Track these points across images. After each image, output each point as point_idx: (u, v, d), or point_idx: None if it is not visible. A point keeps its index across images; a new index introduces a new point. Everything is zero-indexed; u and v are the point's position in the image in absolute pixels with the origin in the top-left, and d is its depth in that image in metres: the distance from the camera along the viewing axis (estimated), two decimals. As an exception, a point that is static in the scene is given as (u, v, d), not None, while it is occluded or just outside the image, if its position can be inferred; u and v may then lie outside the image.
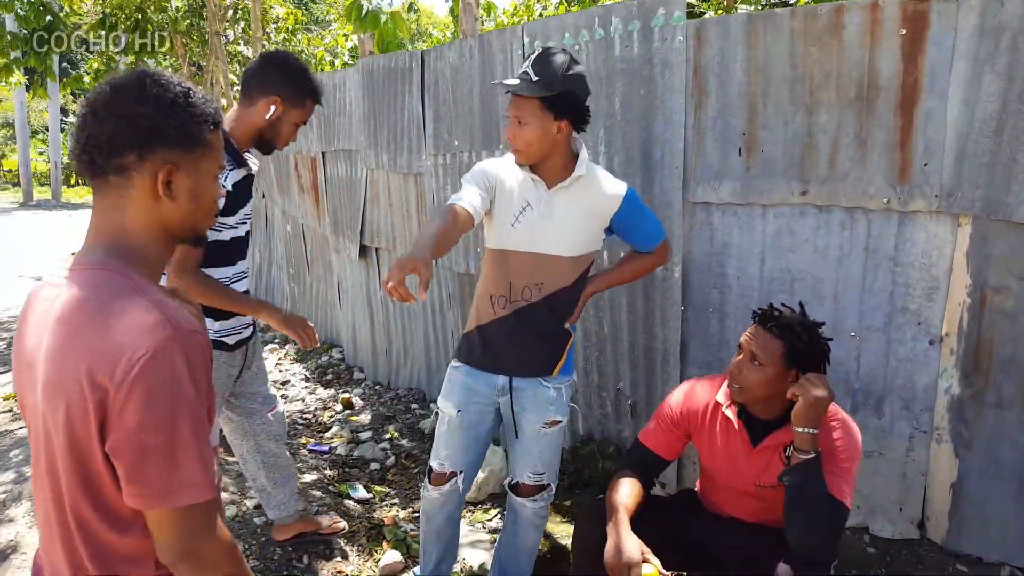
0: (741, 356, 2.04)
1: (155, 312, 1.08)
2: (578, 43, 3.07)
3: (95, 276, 1.12)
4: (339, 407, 4.69)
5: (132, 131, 1.13)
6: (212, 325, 2.43)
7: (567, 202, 2.24)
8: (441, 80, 3.86)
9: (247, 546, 2.88)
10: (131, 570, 1.14)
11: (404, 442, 4.02)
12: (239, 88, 2.47)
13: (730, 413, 2.11)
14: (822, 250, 2.59)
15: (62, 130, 24.32)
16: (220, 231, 2.36)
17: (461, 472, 2.45)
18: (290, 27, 16.75)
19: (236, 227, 2.42)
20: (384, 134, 4.44)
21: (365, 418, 4.44)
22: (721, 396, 2.16)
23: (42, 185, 26.71)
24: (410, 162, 4.21)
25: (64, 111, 27.26)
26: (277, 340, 6.46)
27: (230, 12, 10.56)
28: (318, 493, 3.39)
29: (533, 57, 2.15)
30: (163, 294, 1.15)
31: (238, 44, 10.35)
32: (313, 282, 6.27)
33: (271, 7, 15.05)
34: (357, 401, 4.72)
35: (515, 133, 2.17)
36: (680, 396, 2.25)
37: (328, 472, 3.67)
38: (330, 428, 4.33)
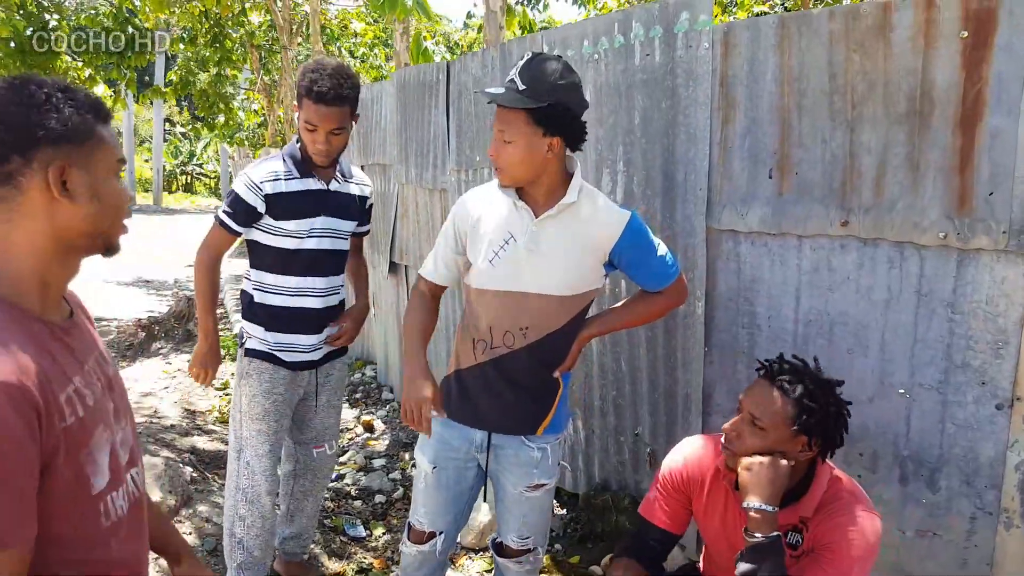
0: (738, 417, 1.70)
1: None
2: (597, 51, 2.77)
3: None
4: (360, 429, 4.49)
5: (11, 134, 1.03)
6: (264, 335, 2.46)
7: (556, 234, 1.93)
8: (464, 93, 3.62)
9: None
10: None
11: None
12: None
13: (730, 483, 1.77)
14: (866, 291, 2.20)
15: (165, 139, 25.66)
16: (275, 234, 2.41)
17: (441, 533, 2.18)
18: (369, 41, 16.98)
19: (295, 236, 2.40)
20: (412, 148, 4.23)
21: (383, 443, 4.22)
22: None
23: (145, 190, 27.98)
24: (435, 177, 3.98)
25: (170, 121, 28.57)
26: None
27: (304, 26, 10.65)
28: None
29: (521, 63, 1.86)
30: (5, 329, 1.00)
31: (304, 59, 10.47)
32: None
33: (349, 23, 15.25)
34: (378, 424, 4.51)
35: (498, 150, 1.88)
36: (680, 458, 1.92)
37: (329, 503, 3.45)
38: (346, 451, 4.13)
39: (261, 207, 2.38)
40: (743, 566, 1.59)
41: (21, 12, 6.82)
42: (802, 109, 2.21)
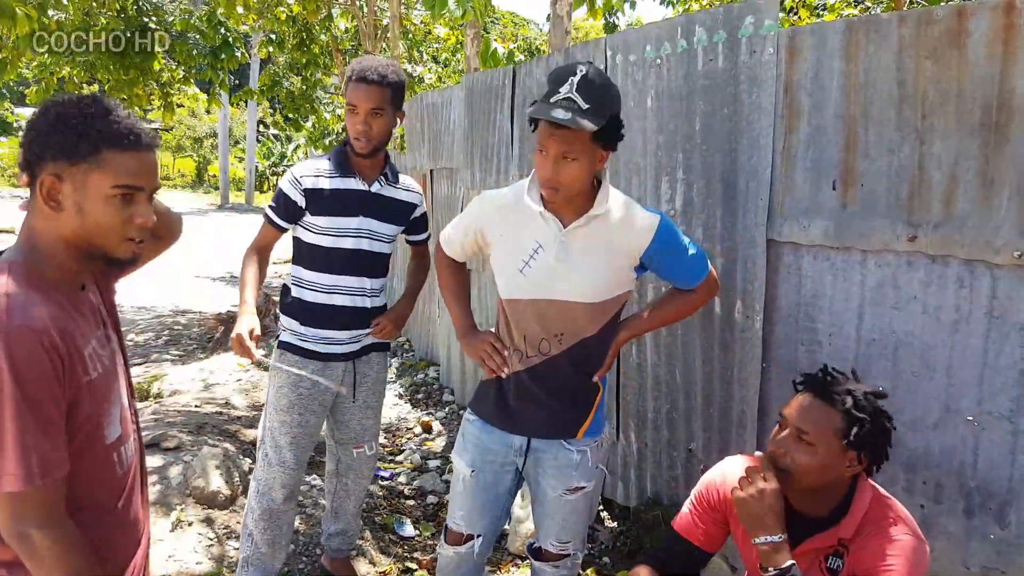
0: (785, 432, 1.63)
1: None
2: (660, 56, 2.71)
3: None
4: (418, 429, 4.53)
5: (27, 143, 1.23)
6: (298, 328, 2.51)
7: (585, 243, 1.91)
8: (529, 97, 3.61)
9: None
10: None
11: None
12: None
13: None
14: (934, 311, 2.08)
15: (258, 140, 26.68)
16: (312, 231, 2.46)
17: (479, 536, 2.17)
18: (451, 46, 17.18)
19: (331, 234, 2.44)
20: (478, 152, 4.25)
21: (439, 444, 4.24)
22: None
23: (239, 190, 29.12)
24: (498, 182, 3.99)
25: (263, 123, 29.63)
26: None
27: (386, 31, 10.84)
28: (362, 523, 3.21)
29: (576, 80, 1.79)
30: (29, 290, 1.17)
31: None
32: (420, 298, 6.20)
33: (433, 27, 15.44)
34: (437, 426, 4.54)
35: (558, 170, 1.82)
36: (719, 476, 1.85)
37: (382, 501, 3.49)
38: (402, 451, 4.17)
39: (301, 201, 2.42)
40: None
41: (121, 15, 7.16)
42: (869, 118, 2.11)
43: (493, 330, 2.14)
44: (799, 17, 7.67)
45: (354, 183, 2.46)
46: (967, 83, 1.89)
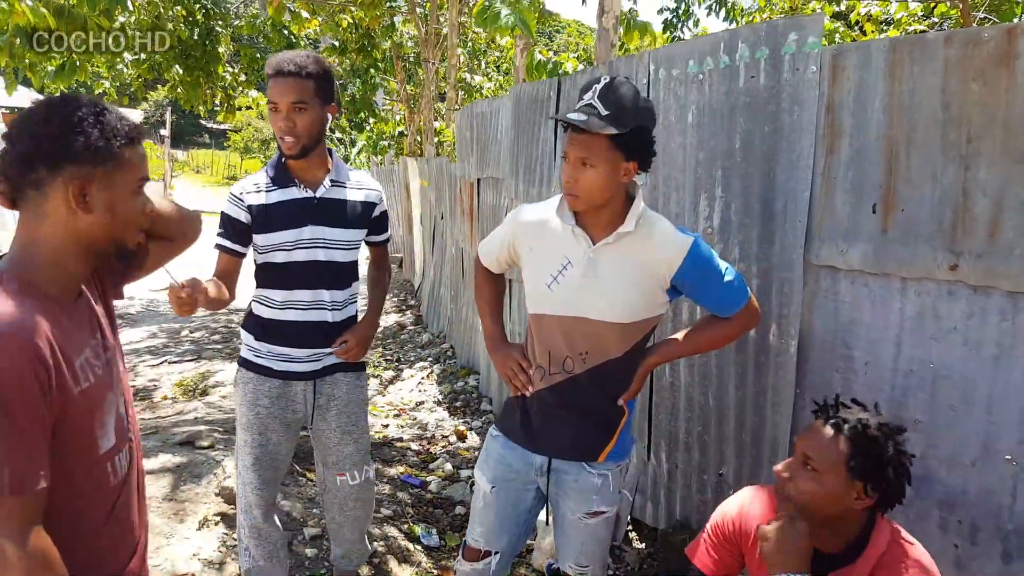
0: (792, 458, 1.58)
1: None
2: (703, 71, 2.67)
3: None
4: (453, 438, 4.54)
5: (41, 149, 1.20)
6: (254, 344, 2.39)
7: (614, 261, 1.88)
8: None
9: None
10: None
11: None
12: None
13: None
14: (975, 344, 1.99)
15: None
16: (261, 252, 2.31)
17: (497, 553, 2.16)
18: (512, 56, 17.25)
19: (282, 249, 2.29)
20: (523, 163, 4.25)
21: (473, 454, 4.24)
22: None
23: (305, 190, 29.64)
24: (540, 193, 3.97)
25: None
26: (428, 359, 6.49)
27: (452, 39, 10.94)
28: (387, 531, 3.22)
29: (599, 87, 1.81)
30: (20, 300, 1.16)
31: (448, 73, 10.77)
32: (464, 305, 6.23)
33: (495, 36, 15.51)
34: (472, 436, 4.54)
35: (577, 176, 1.83)
36: (734, 507, 1.81)
37: (409, 509, 3.51)
38: (436, 459, 4.19)
39: (245, 217, 2.28)
40: None
41: (188, 19, 7.41)
42: (911, 141, 2.03)
43: (521, 343, 2.14)
44: (864, 32, 7.48)
45: (296, 192, 2.29)
46: (1015, 107, 1.81)
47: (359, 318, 2.50)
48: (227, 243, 2.32)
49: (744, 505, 1.79)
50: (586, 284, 1.89)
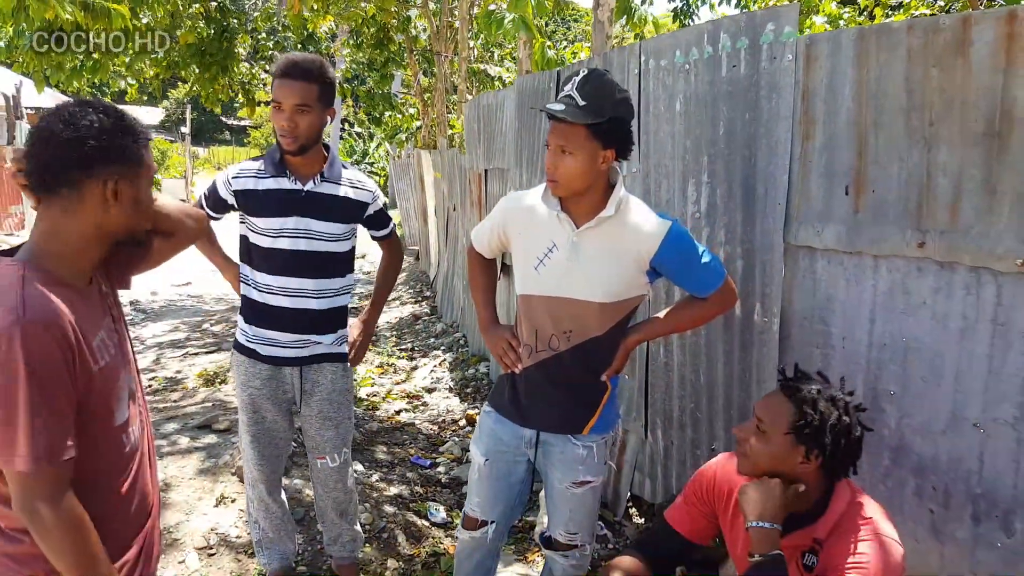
0: (750, 421, 1.70)
1: (14, 301, 1.24)
2: (688, 62, 2.77)
3: (3, 269, 1.32)
4: (463, 422, 4.68)
5: (78, 153, 1.32)
6: (244, 327, 2.52)
7: (596, 244, 2.00)
8: (571, 100, 3.70)
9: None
10: (6, 510, 1.31)
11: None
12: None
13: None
14: (942, 317, 2.09)
15: (341, 138, 27.49)
16: (251, 231, 2.45)
17: (492, 522, 2.30)
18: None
19: (267, 234, 2.41)
20: (525, 154, 4.37)
21: (482, 439, 4.39)
22: None
23: (324, 185, 29.94)
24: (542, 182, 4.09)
25: (348, 121, 30.53)
26: (442, 347, 6.64)
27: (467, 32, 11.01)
28: (397, 508, 3.38)
29: (578, 79, 1.93)
30: (42, 286, 1.28)
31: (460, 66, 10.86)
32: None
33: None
34: (482, 420, 4.68)
35: (557, 163, 1.95)
36: (711, 470, 1.93)
37: (418, 488, 3.66)
38: (446, 443, 4.33)
39: (230, 199, 2.43)
40: None
41: (204, 18, 7.57)
42: (879, 126, 2.13)
43: (512, 325, 2.26)
44: (872, 17, 7.49)
45: (286, 183, 2.40)
46: (971, 92, 1.90)
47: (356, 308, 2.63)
48: (204, 205, 2.49)
49: (718, 469, 1.91)
50: (570, 266, 2.01)
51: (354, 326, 2.67)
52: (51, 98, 16.89)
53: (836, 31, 2.27)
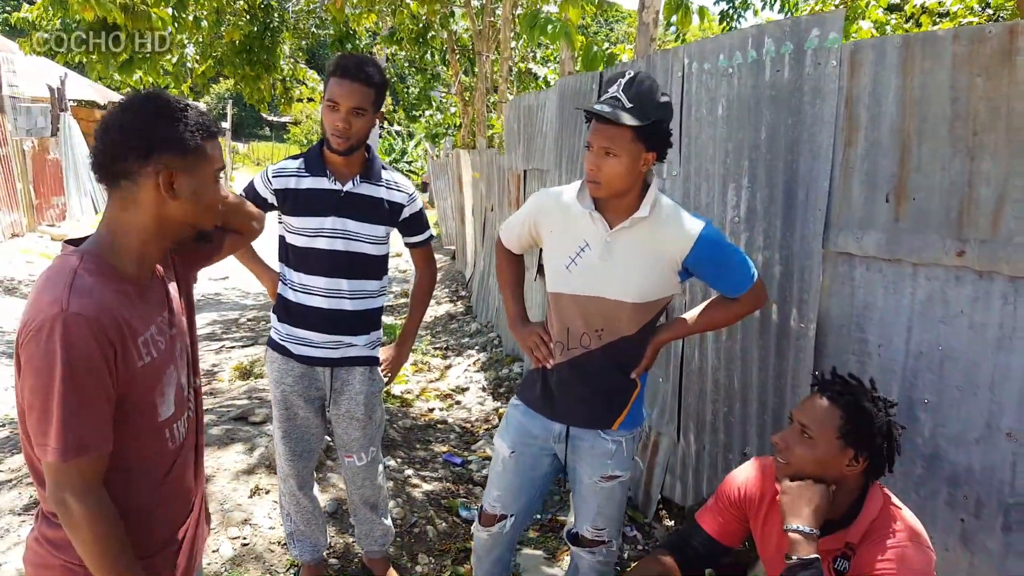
0: (790, 428, 1.71)
1: (60, 292, 1.24)
2: (732, 66, 2.79)
3: (63, 258, 1.33)
4: (496, 421, 4.73)
5: (133, 141, 1.31)
6: (277, 325, 2.55)
7: (629, 245, 2.03)
8: (612, 103, 3.73)
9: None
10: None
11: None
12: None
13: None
14: (980, 327, 2.08)
15: (380, 136, 27.69)
16: (288, 231, 2.47)
17: (512, 516, 2.33)
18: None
19: (304, 234, 2.43)
20: (565, 155, 4.41)
21: (514, 436, 4.43)
22: None
23: (362, 182, 30.20)
24: (581, 184, 4.13)
25: (387, 119, 30.82)
26: (476, 347, 6.70)
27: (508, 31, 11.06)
28: (428, 505, 3.43)
29: (623, 81, 1.96)
30: (95, 279, 1.28)
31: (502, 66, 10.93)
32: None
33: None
34: (514, 418, 4.73)
35: (599, 164, 1.97)
36: (743, 474, 1.95)
37: (450, 485, 3.72)
38: (478, 440, 4.39)
39: (271, 199, 2.44)
40: None
41: (248, 16, 7.72)
42: (922, 134, 2.13)
43: (543, 321, 2.30)
44: (919, 25, 7.39)
45: (326, 183, 2.41)
46: (1017, 101, 1.90)
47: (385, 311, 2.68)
48: None
49: (750, 474, 1.93)
50: (602, 266, 2.04)
51: (389, 348, 2.70)
52: (95, 91, 17.33)
53: (881, 38, 2.27)
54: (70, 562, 1.34)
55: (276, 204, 2.47)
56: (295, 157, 2.52)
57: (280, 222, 2.51)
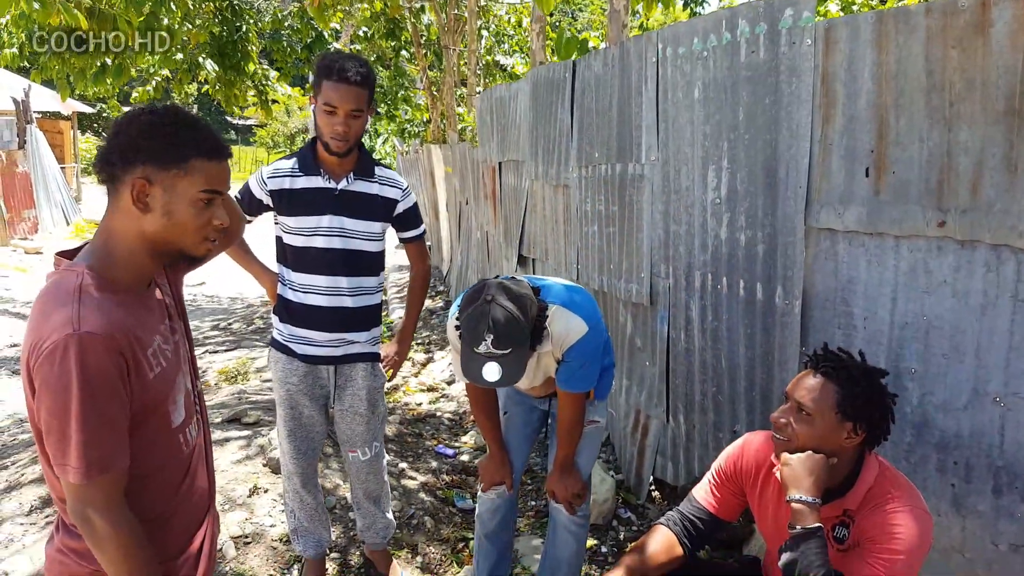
0: (787, 405, 1.74)
1: (70, 311, 1.23)
2: (707, 48, 2.81)
3: (62, 274, 1.31)
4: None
5: (118, 146, 1.33)
6: (280, 326, 2.55)
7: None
8: (587, 90, 3.74)
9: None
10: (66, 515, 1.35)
11: (532, 456, 3.97)
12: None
13: (779, 474, 1.80)
14: (963, 295, 2.12)
15: (362, 134, 27.62)
16: (285, 231, 2.48)
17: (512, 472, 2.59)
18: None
19: (301, 234, 2.43)
20: (541, 145, 4.41)
21: (503, 428, 4.45)
22: None
23: (331, 180, 29.99)
24: (559, 173, 4.14)
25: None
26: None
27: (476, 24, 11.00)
28: (424, 496, 3.44)
29: (490, 340, 1.97)
30: (99, 295, 1.28)
31: (469, 59, 10.89)
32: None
33: (521, 19, 15.52)
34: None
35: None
36: (737, 449, 1.97)
37: (445, 477, 3.72)
38: (467, 432, 4.39)
39: (267, 200, 2.46)
40: (785, 556, 1.64)
41: (218, 18, 7.61)
42: (899, 107, 2.16)
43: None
44: (884, 1, 7.48)
45: (320, 181, 2.43)
46: (991, 72, 1.93)
47: (382, 307, 2.69)
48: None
49: (746, 446, 1.95)
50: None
51: (389, 345, 2.73)
52: (58, 103, 16.95)
53: (854, 15, 2.30)
54: (97, 571, 1.35)
55: (272, 205, 2.47)
56: (288, 157, 2.52)
57: (276, 223, 2.50)
